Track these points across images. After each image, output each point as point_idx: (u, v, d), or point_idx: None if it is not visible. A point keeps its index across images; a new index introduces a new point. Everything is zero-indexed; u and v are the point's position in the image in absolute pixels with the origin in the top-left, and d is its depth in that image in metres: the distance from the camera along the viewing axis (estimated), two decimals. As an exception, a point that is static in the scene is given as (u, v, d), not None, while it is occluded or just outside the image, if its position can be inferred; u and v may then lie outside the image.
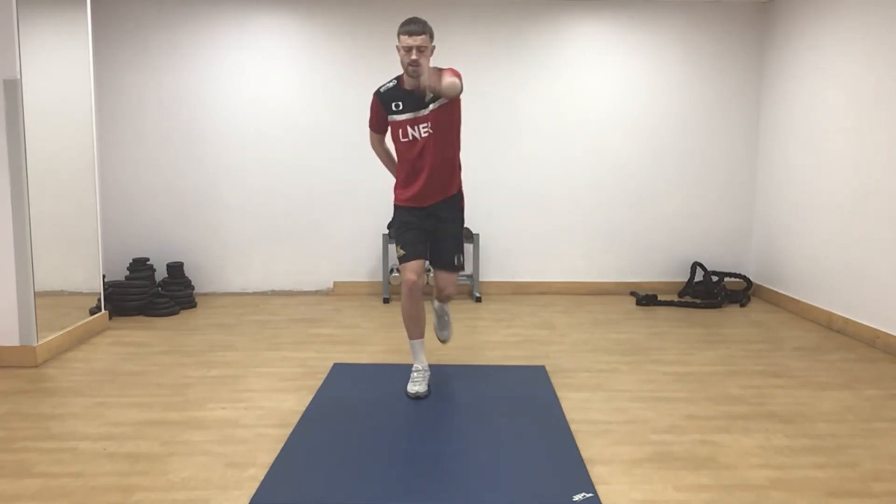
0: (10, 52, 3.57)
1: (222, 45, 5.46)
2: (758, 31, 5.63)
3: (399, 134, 3.25)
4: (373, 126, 3.37)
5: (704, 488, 2.39)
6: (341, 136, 5.56)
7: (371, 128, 3.38)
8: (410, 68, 3.10)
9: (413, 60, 3.06)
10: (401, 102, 3.21)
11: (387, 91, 3.25)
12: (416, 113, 3.19)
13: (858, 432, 2.88)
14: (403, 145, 3.26)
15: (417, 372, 3.31)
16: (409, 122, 3.21)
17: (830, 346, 4.23)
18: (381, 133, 3.39)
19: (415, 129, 3.20)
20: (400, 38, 3.08)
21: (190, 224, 5.59)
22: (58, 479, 2.42)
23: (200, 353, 3.97)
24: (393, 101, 3.23)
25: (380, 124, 3.33)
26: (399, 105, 3.21)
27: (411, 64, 3.08)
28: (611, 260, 5.80)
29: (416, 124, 3.20)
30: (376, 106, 3.29)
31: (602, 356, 3.95)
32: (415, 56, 3.05)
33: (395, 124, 3.25)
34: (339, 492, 2.32)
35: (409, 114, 3.20)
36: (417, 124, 3.19)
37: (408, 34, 3.05)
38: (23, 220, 3.67)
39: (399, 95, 3.22)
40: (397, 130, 3.25)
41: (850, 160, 4.47)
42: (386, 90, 3.26)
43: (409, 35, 3.05)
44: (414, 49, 3.05)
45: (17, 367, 3.69)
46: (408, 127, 3.21)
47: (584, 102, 5.65)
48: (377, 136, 3.41)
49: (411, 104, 3.19)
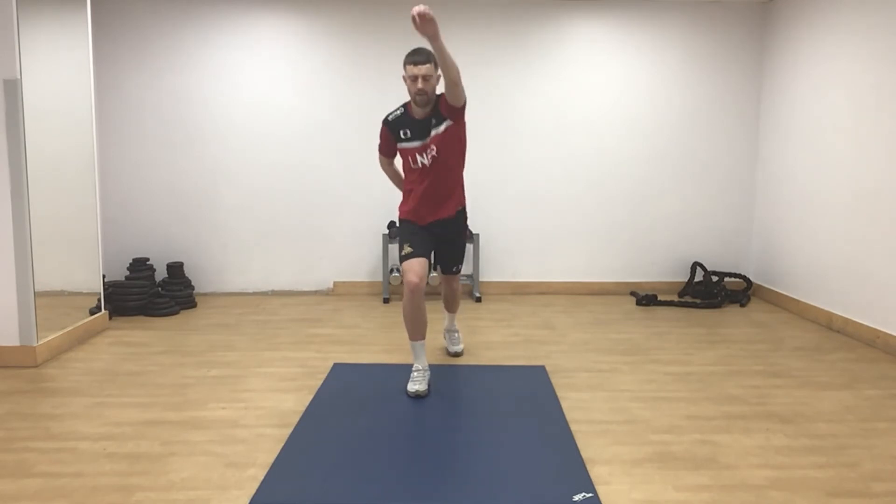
0: (10, 52, 3.57)
1: (222, 45, 5.46)
2: (758, 31, 5.63)
3: (409, 161, 3.37)
4: (383, 151, 3.49)
5: (704, 488, 2.39)
6: (341, 135, 5.56)
7: (381, 153, 3.50)
8: (417, 97, 3.20)
9: (420, 90, 3.16)
10: (408, 130, 3.32)
11: (395, 119, 3.35)
12: (423, 140, 3.30)
13: (858, 432, 2.88)
14: (412, 172, 3.38)
15: (418, 372, 3.32)
16: (418, 150, 3.32)
17: (830, 346, 4.23)
18: (391, 157, 3.52)
19: (423, 155, 3.31)
20: (406, 68, 3.18)
21: (190, 224, 5.59)
22: (58, 479, 2.42)
23: (200, 353, 3.97)
24: (401, 129, 3.34)
25: (389, 150, 3.46)
26: (407, 133, 3.32)
27: (418, 93, 3.18)
28: (611, 260, 5.80)
29: (424, 151, 3.30)
30: (385, 134, 3.41)
31: (602, 356, 3.95)
32: (420, 85, 3.15)
33: (404, 151, 3.38)
34: (339, 492, 2.32)
35: (416, 142, 3.31)
36: (424, 151, 3.30)
37: (413, 64, 3.15)
38: (23, 220, 3.67)
39: (406, 123, 3.32)
40: (407, 158, 3.37)
41: (850, 160, 4.47)
42: (394, 118, 3.36)
43: (415, 65, 3.14)
44: (420, 78, 3.14)
45: (17, 367, 3.70)
46: (416, 155, 3.33)
47: (585, 102, 5.65)
48: (386, 160, 3.54)
49: (419, 132, 3.30)
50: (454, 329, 3.96)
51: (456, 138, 3.31)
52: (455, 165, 3.39)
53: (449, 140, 3.28)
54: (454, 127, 3.27)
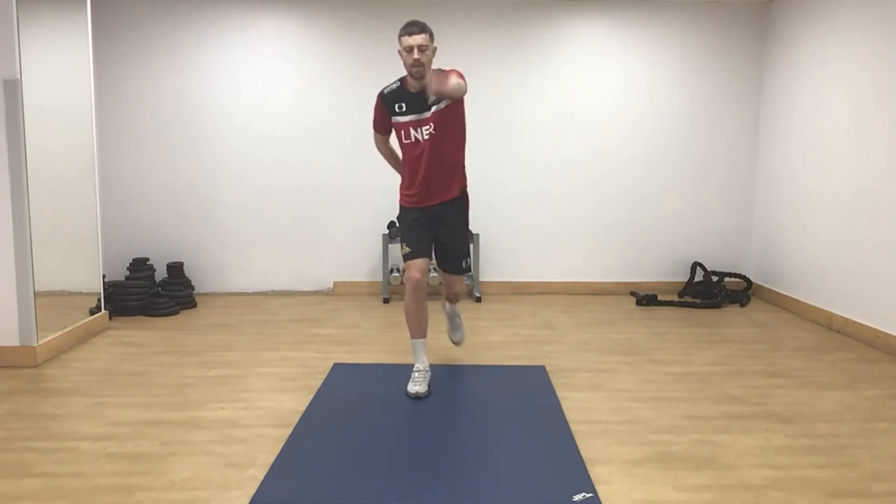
0: (10, 52, 3.57)
1: (222, 45, 5.46)
2: (758, 31, 5.63)
3: (402, 135, 3.27)
4: (376, 127, 3.38)
5: (704, 488, 2.39)
6: (341, 135, 5.57)
7: (375, 129, 3.39)
8: (413, 69, 3.12)
9: (415, 60, 3.09)
10: (404, 104, 3.23)
11: (390, 92, 3.26)
12: (419, 115, 3.21)
13: (858, 432, 2.88)
14: (407, 147, 3.28)
15: (418, 372, 3.31)
16: (413, 124, 3.22)
17: (830, 346, 4.23)
18: (385, 134, 3.39)
19: (418, 130, 3.22)
20: (401, 39, 3.11)
21: (190, 224, 5.59)
22: (58, 479, 2.42)
23: (200, 353, 3.97)
24: (396, 103, 3.24)
25: (383, 125, 3.35)
26: (402, 106, 3.23)
27: (414, 64, 3.10)
28: (611, 260, 5.80)
29: (420, 126, 3.21)
30: (379, 107, 3.30)
31: (602, 356, 3.95)
32: (416, 55, 3.08)
33: (398, 125, 3.27)
34: (339, 492, 2.32)
35: (412, 115, 3.22)
36: (420, 126, 3.21)
37: (408, 34, 3.09)
38: (23, 219, 3.67)
39: (402, 97, 3.23)
40: (400, 132, 3.27)
41: (850, 160, 4.47)
42: (389, 91, 3.27)
43: (410, 35, 3.08)
44: (415, 48, 3.08)
45: (17, 367, 3.70)
46: (410, 129, 3.23)
47: (585, 102, 5.65)
48: (381, 137, 3.42)
49: (414, 106, 3.21)
50: (456, 314, 3.74)
51: (455, 117, 3.23)
52: (455, 144, 3.28)
53: (449, 118, 3.19)
54: (453, 105, 3.18)
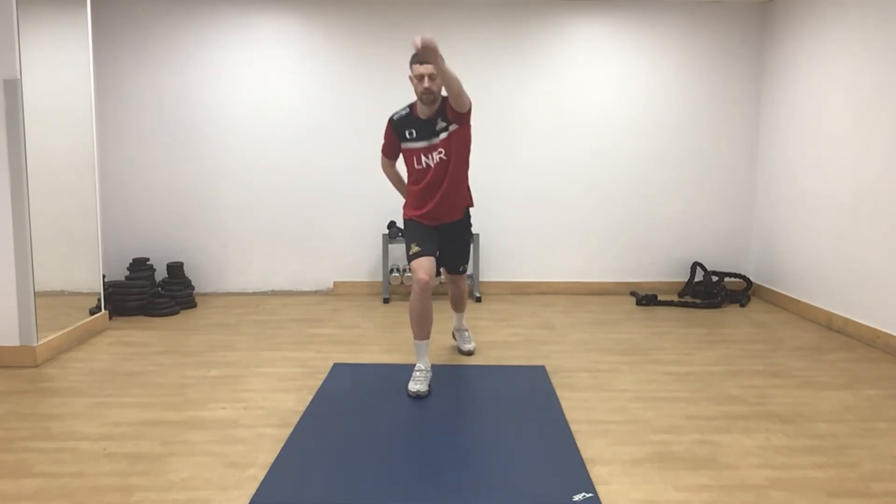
0: (10, 52, 3.57)
1: (222, 45, 5.46)
2: (758, 31, 5.63)
3: (413, 161, 3.35)
4: (385, 152, 3.48)
5: (704, 488, 2.39)
6: (341, 135, 5.57)
7: (384, 153, 3.49)
8: (424, 96, 3.19)
9: (426, 88, 3.16)
10: (414, 130, 3.31)
11: (400, 119, 3.34)
12: (429, 141, 3.29)
13: (858, 432, 2.88)
14: (417, 172, 3.37)
15: (420, 372, 3.32)
16: (423, 151, 3.31)
17: (830, 346, 4.23)
18: (393, 158, 3.51)
19: (429, 156, 3.31)
20: (412, 67, 3.18)
21: (190, 224, 5.59)
22: (58, 479, 2.42)
23: (200, 353, 3.97)
24: (406, 129, 3.32)
25: (393, 151, 3.45)
26: (412, 133, 3.32)
27: (424, 92, 3.18)
28: (611, 260, 5.80)
29: (430, 152, 3.30)
30: (390, 133, 3.40)
31: (602, 356, 3.95)
32: (427, 84, 3.15)
33: (408, 152, 3.36)
34: (339, 492, 2.32)
35: (422, 142, 3.30)
36: (431, 152, 3.30)
37: (419, 63, 3.15)
38: (23, 219, 3.67)
39: (412, 123, 3.31)
40: (411, 158, 3.36)
41: (850, 160, 4.47)
42: (399, 118, 3.35)
43: (421, 64, 3.14)
44: (426, 77, 3.15)
45: (17, 367, 3.70)
46: (422, 155, 3.32)
47: (585, 102, 5.65)
48: (388, 161, 3.52)
49: (424, 132, 3.29)
50: (464, 328, 3.99)
51: (463, 142, 3.32)
52: (462, 167, 3.40)
53: (456, 143, 3.29)
54: (461, 130, 3.28)
